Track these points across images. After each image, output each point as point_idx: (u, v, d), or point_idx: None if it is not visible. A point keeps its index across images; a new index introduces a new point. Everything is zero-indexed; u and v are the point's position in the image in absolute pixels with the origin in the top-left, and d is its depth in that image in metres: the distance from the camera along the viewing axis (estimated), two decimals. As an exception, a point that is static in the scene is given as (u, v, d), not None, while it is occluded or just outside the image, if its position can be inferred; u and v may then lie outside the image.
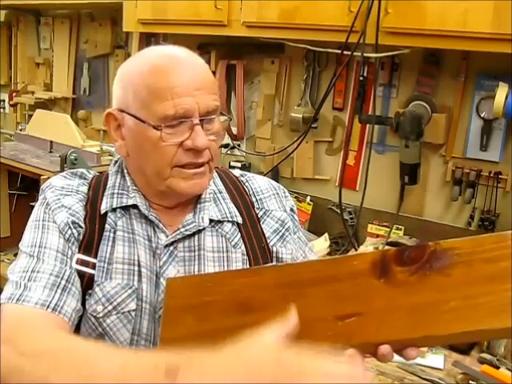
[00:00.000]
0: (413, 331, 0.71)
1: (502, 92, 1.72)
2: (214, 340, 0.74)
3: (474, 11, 1.56)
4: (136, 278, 0.96)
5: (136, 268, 0.96)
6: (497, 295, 0.69)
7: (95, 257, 0.96)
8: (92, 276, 0.95)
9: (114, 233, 0.98)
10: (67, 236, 0.95)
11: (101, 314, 0.94)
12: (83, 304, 0.94)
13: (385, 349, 0.72)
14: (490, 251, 0.72)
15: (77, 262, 0.95)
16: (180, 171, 0.95)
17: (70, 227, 0.96)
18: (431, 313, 0.71)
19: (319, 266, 0.81)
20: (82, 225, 0.97)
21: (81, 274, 0.95)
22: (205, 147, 0.94)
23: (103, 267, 0.96)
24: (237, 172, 1.14)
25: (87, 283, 0.95)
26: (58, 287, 0.89)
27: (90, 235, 0.97)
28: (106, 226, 0.98)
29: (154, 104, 0.91)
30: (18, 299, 0.85)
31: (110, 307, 0.94)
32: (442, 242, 0.75)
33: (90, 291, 0.95)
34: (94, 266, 0.96)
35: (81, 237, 0.96)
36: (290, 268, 0.85)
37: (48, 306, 0.86)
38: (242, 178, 1.12)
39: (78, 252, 0.95)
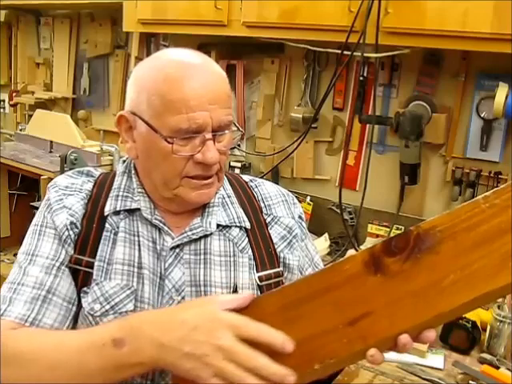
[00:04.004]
0: (424, 314, 0.73)
1: (501, 92, 1.72)
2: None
3: (473, 11, 1.56)
4: (135, 279, 0.96)
5: (136, 270, 0.97)
6: (489, 257, 0.71)
7: (90, 256, 0.97)
8: (86, 274, 0.97)
9: (116, 234, 0.98)
10: (64, 237, 0.98)
11: (98, 313, 0.94)
12: (79, 301, 0.96)
13: (404, 338, 0.73)
14: (468, 220, 0.74)
15: (70, 261, 0.97)
16: (189, 181, 0.95)
17: (67, 229, 0.98)
18: (435, 291, 0.73)
19: (312, 281, 0.81)
20: (79, 225, 0.99)
21: (75, 272, 0.97)
22: (215, 162, 0.93)
23: (103, 267, 0.97)
24: (246, 177, 1.14)
25: (82, 281, 0.97)
26: (37, 300, 0.93)
27: (86, 235, 0.98)
28: (107, 226, 0.99)
29: (167, 115, 0.90)
30: (2, 314, 0.90)
31: (107, 306, 0.95)
32: (421, 224, 0.76)
33: (85, 289, 0.96)
34: (87, 265, 0.97)
35: (77, 237, 0.98)
36: (284, 290, 0.84)
37: (26, 321, 0.90)
38: (251, 184, 1.11)
39: (74, 251, 0.98)
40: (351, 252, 0.83)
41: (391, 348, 0.75)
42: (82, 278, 0.97)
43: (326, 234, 2.17)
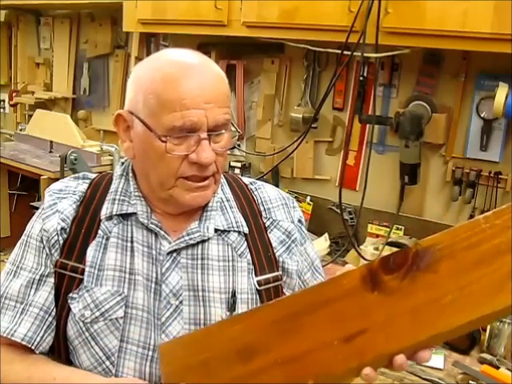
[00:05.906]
0: (420, 334, 0.72)
1: (501, 92, 1.72)
2: None
3: (473, 11, 1.56)
4: (126, 285, 0.96)
5: (127, 275, 0.96)
6: (488, 278, 0.70)
7: (76, 260, 0.97)
8: (71, 278, 0.97)
9: (107, 239, 0.98)
10: (52, 242, 0.98)
11: (88, 320, 0.95)
12: (63, 306, 0.97)
13: (400, 359, 0.72)
14: (468, 239, 0.73)
15: (56, 266, 0.98)
16: (184, 182, 0.94)
17: (57, 233, 0.99)
18: (432, 311, 0.72)
19: (309, 295, 0.81)
20: (68, 230, 0.99)
21: (61, 277, 0.98)
22: (210, 163, 0.92)
23: (93, 273, 0.96)
24: (246, 180, 1.13)
25: (67, 285, 0.97)
26: (17, 312, 0.97)
27: (74, 239, 0.99)
28: (99, 232, 0.98)
29: (162, 114, 0.90)
30: None
31: (97, 313, 0.95)
32: (421, 242, 0.76)
33: (71, 294, 0.96)
34: (72, 269, 0.97)
35: (65, 242, 0.99)
36: (281, 303, 0.84)
37: (4, 332, 0.96)
38: (251, 186, 1.11)
39: (60, 256, 0.98)
40: (349, 267, 0.81)
41: (386, 366, 0.74)
42: (67, 282, 0.97)
43: (326, 234, 2.17)
